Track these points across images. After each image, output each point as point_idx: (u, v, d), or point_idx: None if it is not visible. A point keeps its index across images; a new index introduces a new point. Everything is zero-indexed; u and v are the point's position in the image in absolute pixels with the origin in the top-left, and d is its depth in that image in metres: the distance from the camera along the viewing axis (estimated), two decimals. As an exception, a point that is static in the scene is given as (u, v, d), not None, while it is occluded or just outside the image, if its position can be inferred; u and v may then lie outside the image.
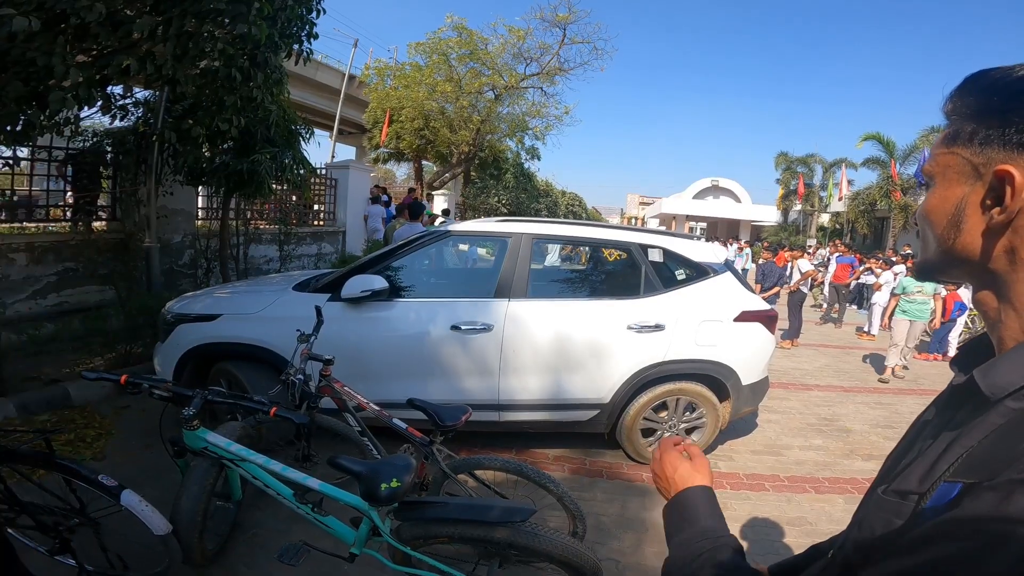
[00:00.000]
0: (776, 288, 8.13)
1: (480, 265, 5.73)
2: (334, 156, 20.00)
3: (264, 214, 8.51)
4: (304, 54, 5.17)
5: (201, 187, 6.56)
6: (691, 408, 3.47)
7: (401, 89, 14.95)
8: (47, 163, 5.42)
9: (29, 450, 1.89)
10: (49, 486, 1.90)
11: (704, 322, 3.36)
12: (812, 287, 10.71)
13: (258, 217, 8.34)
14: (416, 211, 5.90)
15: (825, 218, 24.80)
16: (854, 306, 11.96)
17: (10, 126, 3.20)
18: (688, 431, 3.52)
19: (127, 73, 3.64)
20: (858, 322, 10.56)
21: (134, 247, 5.53)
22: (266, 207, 8.44)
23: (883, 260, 10.70)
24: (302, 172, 5.87)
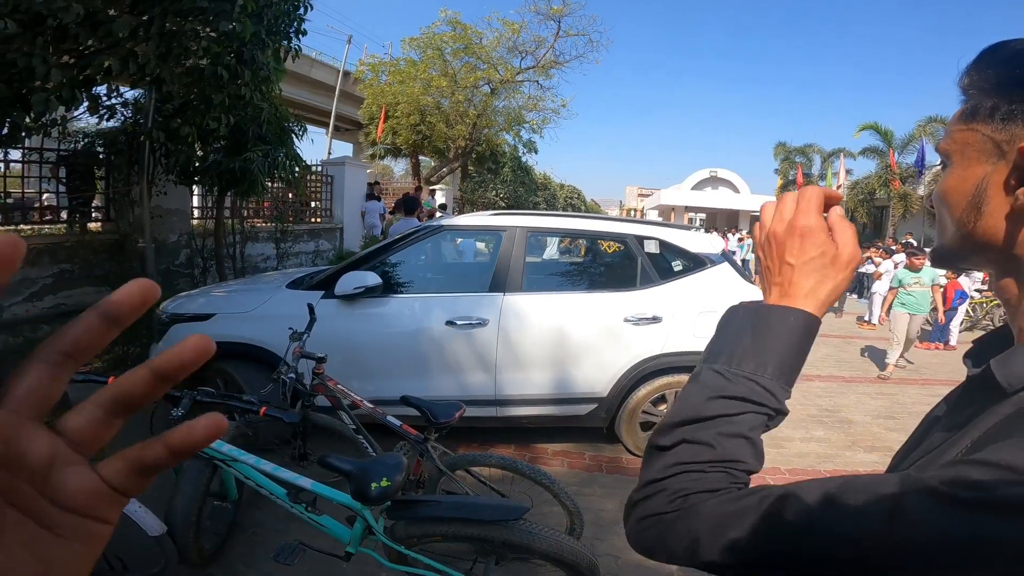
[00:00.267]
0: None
1: (477, 259, 5.69)
2: (331, 153, 19.92)
3: (260, 212, 8.48)
4: (293, 50, 5.12)
5: (195, 186, 6.53)
6: (690, 400, 3.44)
7: (396, 85, 14.83)
8: (39, 164, 5.38)
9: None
10: None
11: (702, 313, 3.33)
12: None
13: (254, 215, 8.31)
14: (411, 206, 5.85)
15: (824, 207, 24.67)
16: (854, 295, 11.94)
17: (-3, 128, 3.18)
18: (687, 424, 3.50)
19: (110, 73, 3.61)
20: (858, 311, 10.54)
21: (129, 248, 5.51)
22: (263, 205, 8.41)
23: (883, 249, 10.68)
24: (296, 169, 5.84)
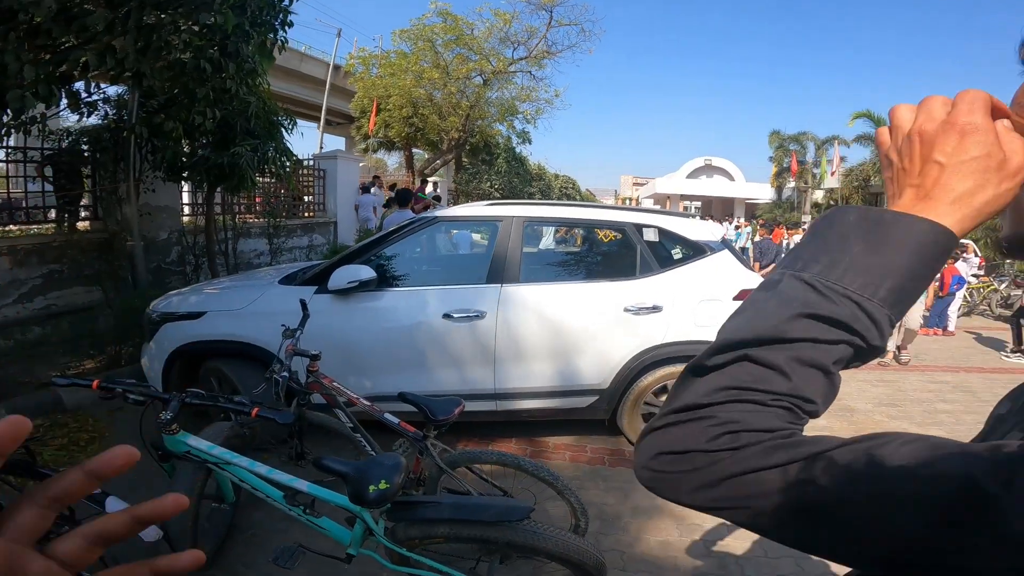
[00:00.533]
0: (773, 265, 8.08)
1: (473, 251, 5.60)
2: (322, 147, 19.73)
3: (252, 208, 8.36)
4: (279, 43, 5.01)
5: (185, 183, 6.42)
6: (692, 390, 3.39)
7: (387, 77, 14.67)
8: (23, 164, 5.27)
9: (9, 459, 1.82)
10: None
11: (703, 302, 3.28)
12: None
13: (246, 211, 8.20)
14: (405, 198, 5.77)
15: (819, 195, 24.69)
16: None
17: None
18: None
19: (87, 69, 3.50)
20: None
21: (118, 246, 5.41)
22: (255, 200, 8.30)
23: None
24: (287, 163, 5.73)
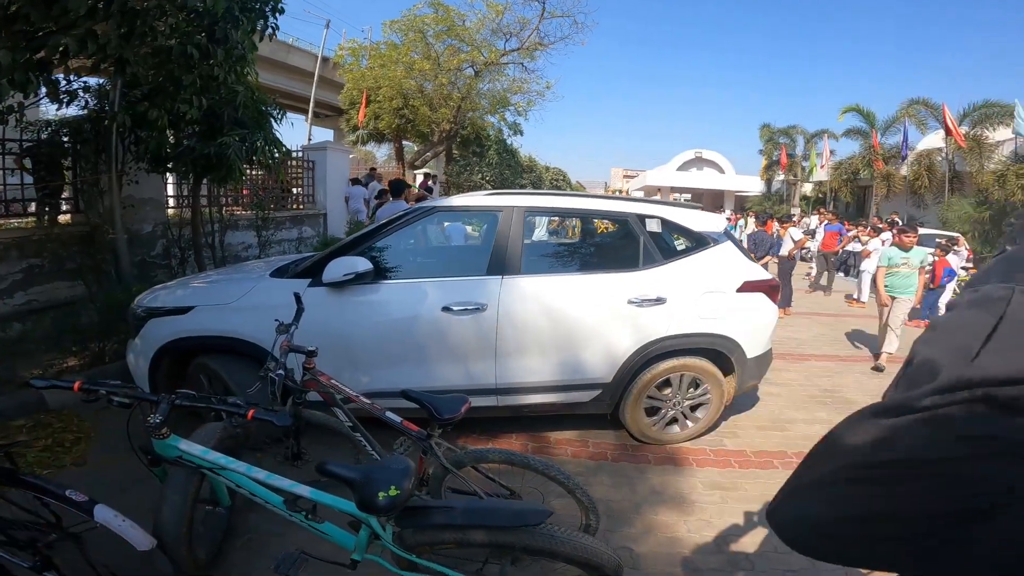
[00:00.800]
0: (768, 257, 8.09)
1: (472, 242, 5.47)
2: (311, 139, 19.45)
3: (239, 200, 8.17)
4: (270, 30, 4.84)
5: (170, 174, 6.23)
6: (695, 384, 3.34)
7: (377, 69, 14.46)
8: (1, 156, 5.05)
9: None
10: (22, 501, 1.74)
11: (706, 294, 3.22)
12: (803, 256, 10.71)
13: (233, 203, 8.01)
14: (399, 189, 5.64)
15: (808, 187, 24.86)
16: (840, 273, 12.00)
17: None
18: (693, 408, 3.41)
19: (67, 55, 3.33)
20: (847, 289, 10.59)
21: (101, 239, 5.23)
22: (242, 192, 8.10)
23: (871, 228, 10.71)
24: (275, 154, 5.57)
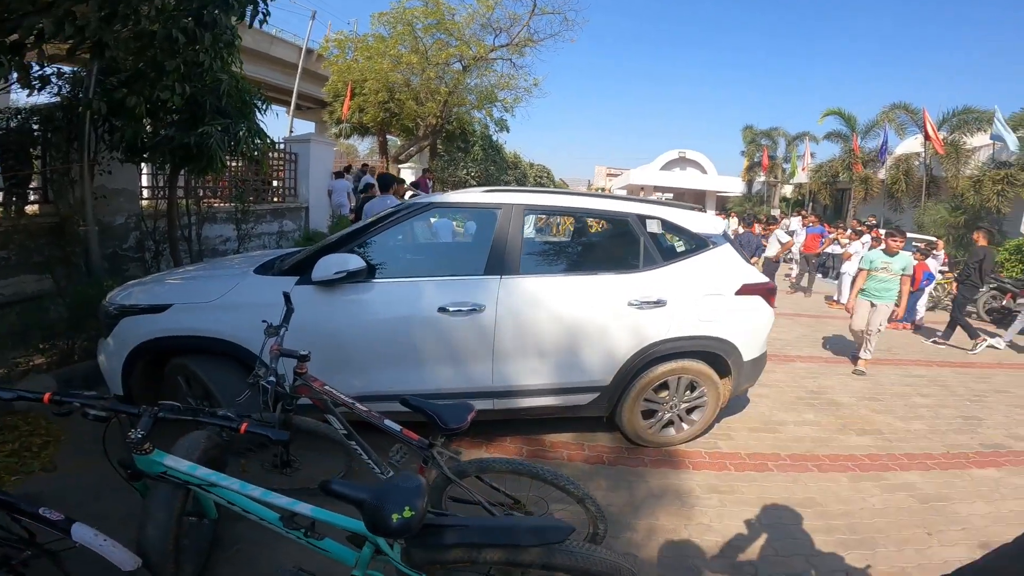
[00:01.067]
0: (755, 259, 8.15)
1: (469, 240, 5.31)
2: (292, 131, 19.04)
3: (217, 191, 7.91)
4: (260, 15, 4.64)
5: (145, 164, 5.97)
6: (692, 387, 3.30)
7: (364, 61, 14.20)
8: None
9: None
10: None
11: (706, 296, 3.18)
12: (785, 258, 10.85)
13: (211, 195, 7.74)
14: (387, 183, 5.49)
15: (788, 189, 25.26)
16: (818, 274, 12.21)
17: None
18: (689, 411, 3.37)
19: (42, 38, 3.12)
20: (827, 290, 10.77)
21: (70, 231, 4.98)
22: (220, 184, 7.84)
23: (853, 231, 10.88)
24: (258, 144, 5.37)
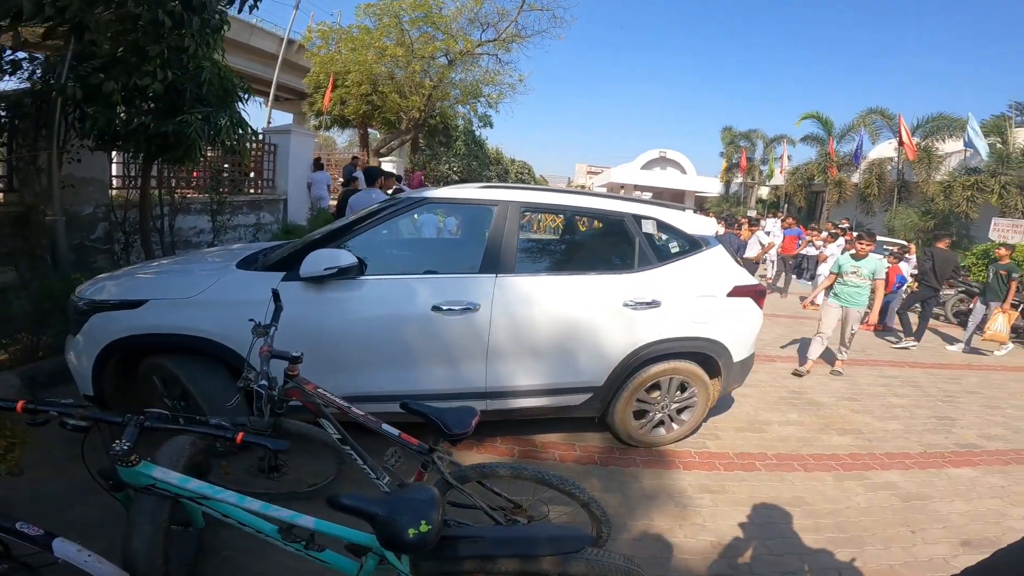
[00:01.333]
0: (738, 259, 8.25)
1: (462, 237, 5.20)
2: (270, 122, 18.58)
3: (191, 182, 7.64)
4: (252, 1, 4.47)
5: (116, 153, 5.72)
6: (683, 387, 3.31)
7: (347, 53, 13.95)
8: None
9: None
10: None
11: (699, 297, 3.19)
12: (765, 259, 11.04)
13: (185, 185, 7.48)
14: (373, 176, 5.38)
15: (764, 191, 25.77)
16: (793, 274, 12.47)
17: None
18: (679, 411, 3.38)
19: (19, 18, 2.95)
20: (803, 292, 10.99)
21: (36, 221, 4.73)
22: (194, 174, 7.58)
23: (829, 234, 11.11)
24: (241, 135, 5.18)
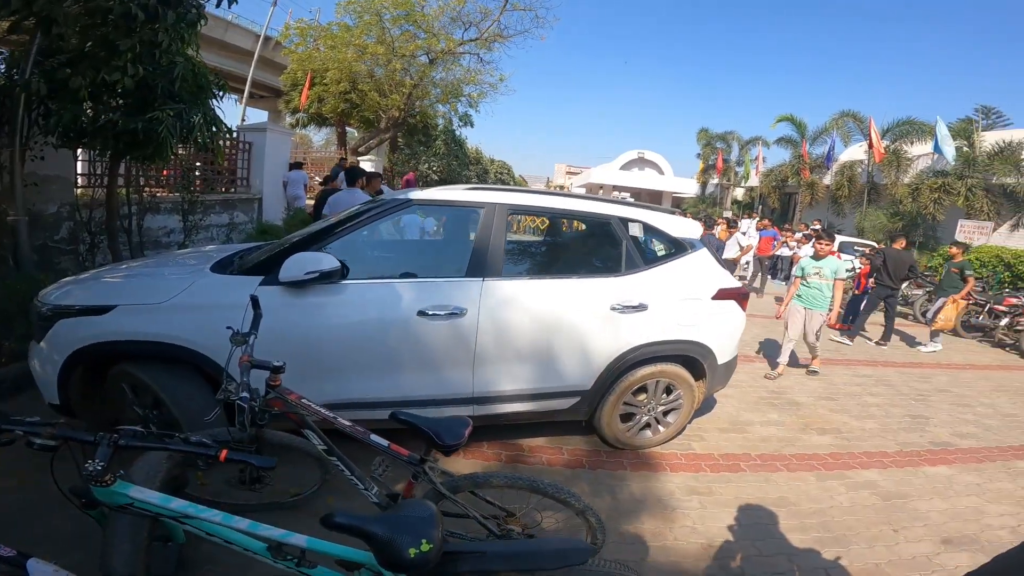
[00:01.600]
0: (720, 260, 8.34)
1: (448, 239, 5.09)
2: (244, 119, 18.16)
3: (161, 180, 7.38)
4: None
5: (82, 150, 5.48)
6: (668, 390, 3.31)
7: (326, 50, 13.73)
8: None
9: None
10: None
11: (685, 300, 3.19)
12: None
13: (155, 184, 7.22)
14: (353, 176, 5.26)
15: (740, 192, 26.26)
16: (768, 275, 12.72)
17: None
18: (665, 413, 3.38)
19: None
20: (778, 292, 11.21)
21: (-3, 220, 4.50)
22: (163, 173, 7.32)
23: (803, 235, 11.36)
24: (215, 133, 5.01)
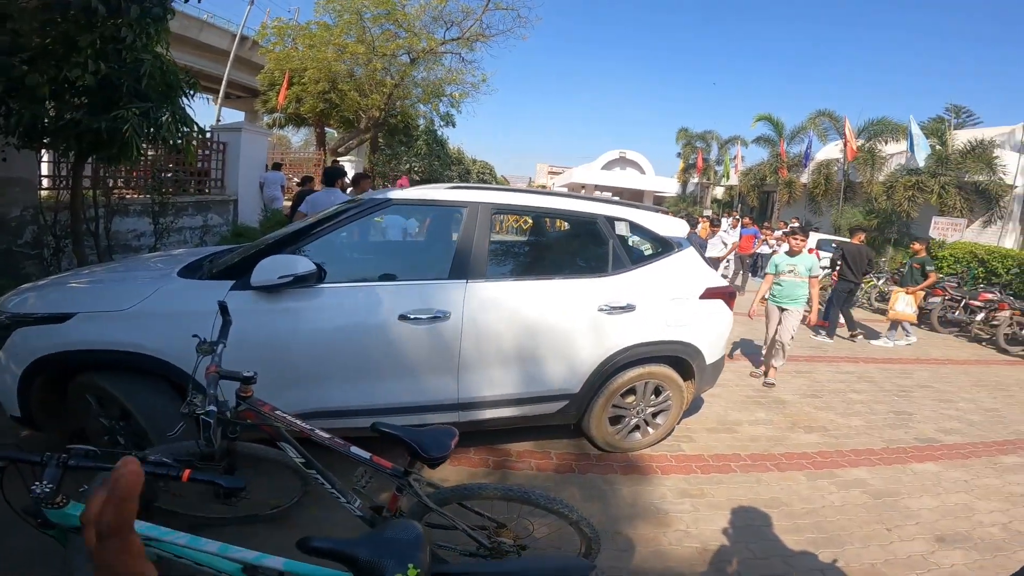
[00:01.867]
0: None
1: (430, 240, 4.95)
2: (219, 119, 17.76)
3: (131, 182, 7.12)
4: None
5: (46, 151, 5.25)
6: (657, 391, 3.26)
7: (305, 49, 13.46)
8: None
9: None
10: None
11: (673, 300, 3.14)
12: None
13: (124, 185, 6.96)
14: (332, 176, 5.12)
15: (720, 191, 26.54)
16: (749, 273, 12.84)
17: None
18: (654, 415, 3.33)
19: None
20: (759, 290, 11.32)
21: (-47, 224, 4.27)
22: (133, 173, 7.06)
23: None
24: (184, 132, 4.81)
